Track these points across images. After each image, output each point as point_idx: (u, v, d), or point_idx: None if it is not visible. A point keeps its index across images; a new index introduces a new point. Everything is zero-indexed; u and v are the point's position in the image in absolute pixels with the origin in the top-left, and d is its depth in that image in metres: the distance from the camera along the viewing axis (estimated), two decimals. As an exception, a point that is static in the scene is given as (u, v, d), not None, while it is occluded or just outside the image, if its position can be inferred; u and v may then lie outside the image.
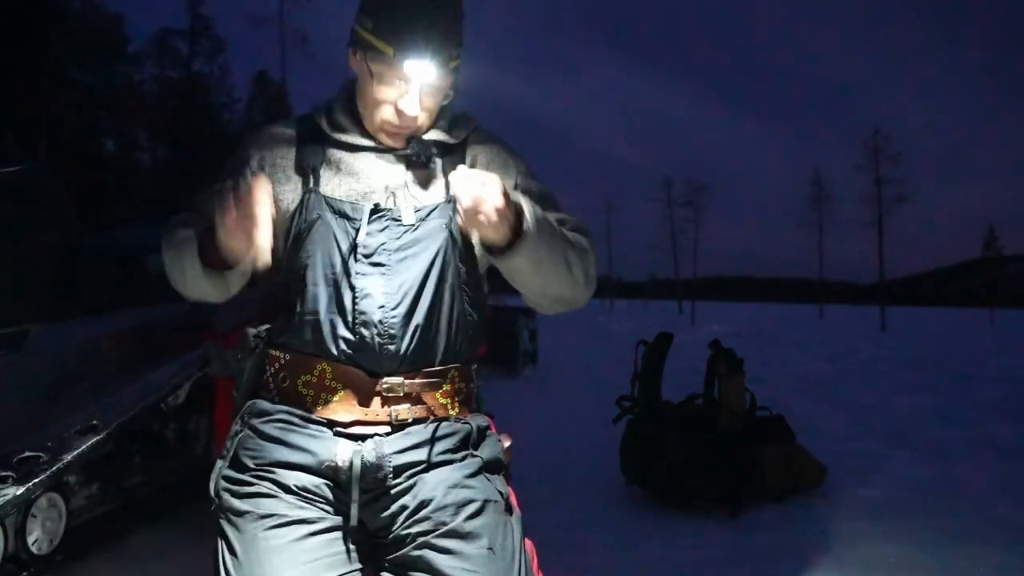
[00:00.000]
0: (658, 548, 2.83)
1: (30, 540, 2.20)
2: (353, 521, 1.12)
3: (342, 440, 1.13)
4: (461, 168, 1.10)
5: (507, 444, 1.27)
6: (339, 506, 1.12)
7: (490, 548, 1.10)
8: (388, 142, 1.20)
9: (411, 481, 1.13)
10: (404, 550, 1.11)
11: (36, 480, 2.03)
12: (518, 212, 1.09)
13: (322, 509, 1.11)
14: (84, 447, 2.21)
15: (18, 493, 1.96)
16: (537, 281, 1.15)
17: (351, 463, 1.11)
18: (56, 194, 2.57)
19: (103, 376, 2.53)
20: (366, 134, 1.21)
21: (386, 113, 1.17)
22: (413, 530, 1.11)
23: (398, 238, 1.14)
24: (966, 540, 2.88)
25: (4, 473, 2.03)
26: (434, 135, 1.21)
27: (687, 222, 50.64)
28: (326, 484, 1.12)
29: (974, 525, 3.07)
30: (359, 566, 1.10)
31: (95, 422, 2.33)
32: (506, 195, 1.07)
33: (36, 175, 2.48)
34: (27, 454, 2.13)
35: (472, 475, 1.17)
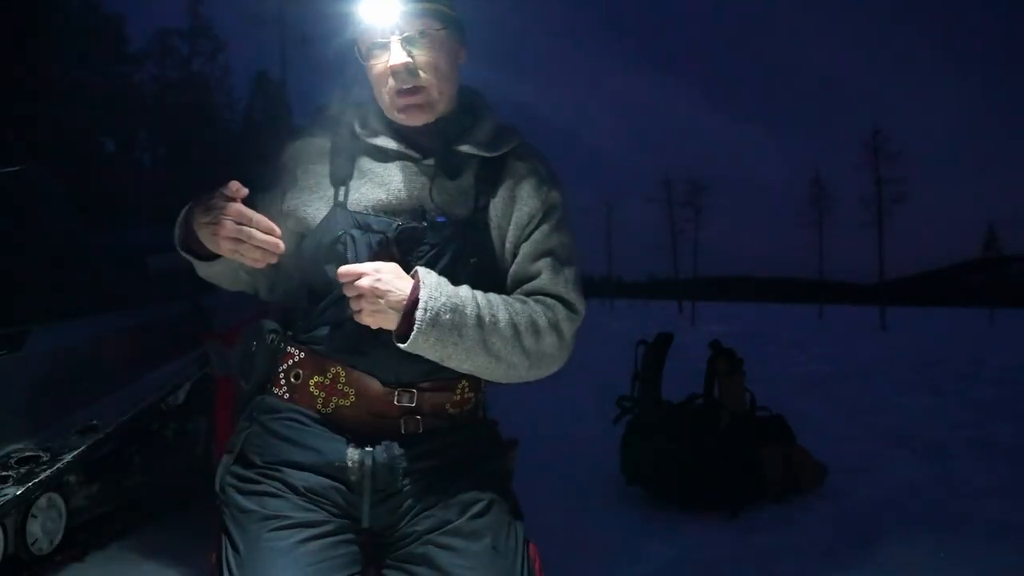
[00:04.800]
0: (658, 548, 2.83)
1: (30, 540, 2.20)
2: (365, 523, 1.12)
3: (352, 443, 1.13)
4: (351, 268, 1.06)
5: (512, 451, 1.28)
6: (346, 508, 1.12)
7: (494, 547, 1.11)
8: (407, 121, 1.18)
9: (419, 484, 1.14)
10: (407, 548, 1.12)
11: (36, 480, 2.03)
12: (414, 308, 1.04)
13: (327, 511, 1.11)
14: (84, 447, 2.21)
15: (18, 493, 1.97)
16: (454, 364, 1.11)
17: (362, 466, 1.11)
18: (56, 194, 2.57)
19: (103, 376, 2.53)
20: (395, 136, 1.20)
21: (388, 84, 1.15)
22: (417, 528, 1.12)
23: (422, 256, 1.14)
24: (966, 540, 2.88)
25: (4, 473, 2.03)
26: (468, 148, 1.19)
27: (687, 222, 50.67)
28: (334, 486, 1.12)
29: (974, 525, 3.07)
30: (361, 568, 1.11)
31: (95, 422, 2.33)
32: (395, 300, 1.04)
33: (36, 175, 2.48)
34: (27, 454, 2.13)
35: (478, 479, 1.17)
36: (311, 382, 1.16)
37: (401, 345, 1.06)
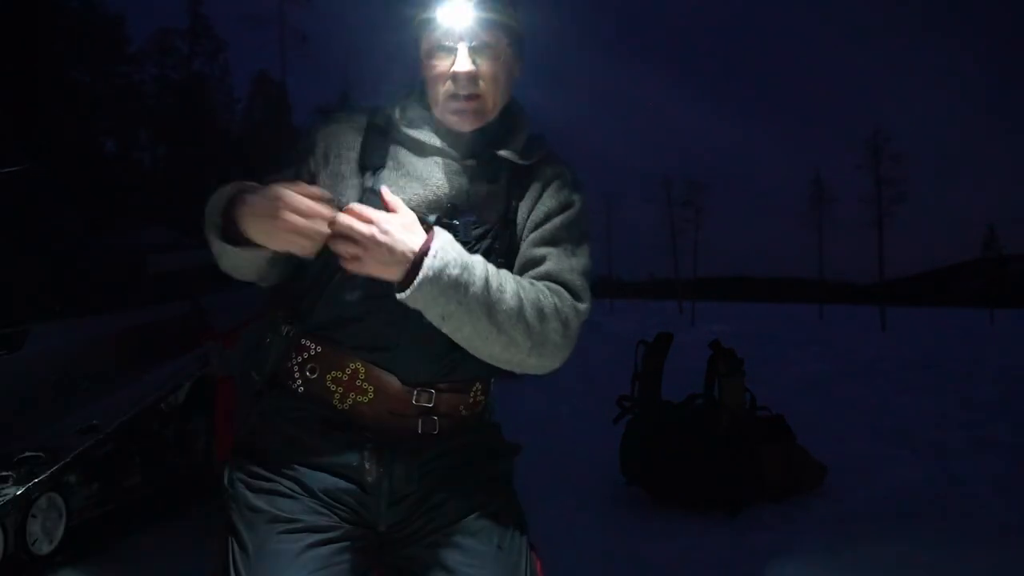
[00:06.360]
0: (658, 548, 2.83)
1: (30, 540, 2.20)
2: (381, 526, 1.12)
3: (370, 443, 1.12)
4: (353, 207, 1.01)
5: (515, 454, 1.29)
6: (359, 509, 1.12)
7: (499, 546, 1.11)
8: (456, 125, 1.16)
9: (430, 485, 1.14)
10: (414, 547, 1.12)
11: (36, 480, 2.03)
12: (419, 263, 1.00)
13: (339, 514, 1.10)
14: (84, 447, 2.21)
15: (18, 493, 1.97)
16: (452, 326, 1.05)
17: (379, 467, 1.11)
18: (56, 194, 2.57)
19: (103, 376, 2.53)
20: (436, 133, 1.19)
21: (445, 86, 1.14)
22: (425, 527, 1.12)
23: None
24: (966, 540, 2.88)
25: (4, 473, 2.03)
26: (506, 154, 1.19)
27: (687, 222, 50.67)
28: (349, 488, 1.11)
29: (974, 525, 3.08)
30: (369, 572, 1.11)
31: (95, 422, 2.33)
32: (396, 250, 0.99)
33: (36, 175, 2.48)
34: (27, 454, 2.13)
35: (485, 480, 1.18)
36: (328, 377, 1.14)
37: (401, 295, 1.00)
